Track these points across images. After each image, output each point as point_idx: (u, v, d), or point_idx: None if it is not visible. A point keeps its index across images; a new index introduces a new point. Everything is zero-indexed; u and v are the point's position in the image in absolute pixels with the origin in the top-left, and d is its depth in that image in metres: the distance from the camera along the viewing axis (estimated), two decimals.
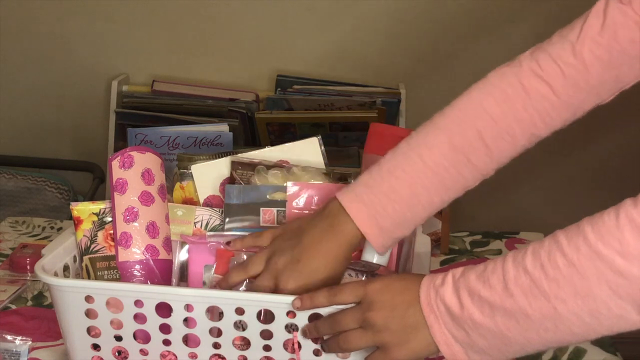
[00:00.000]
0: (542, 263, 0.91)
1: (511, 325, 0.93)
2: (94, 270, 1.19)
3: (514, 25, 2.41)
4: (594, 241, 0.88)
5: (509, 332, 0.93)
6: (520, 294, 0.92)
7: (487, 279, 0.94)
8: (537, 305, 0.91)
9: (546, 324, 0.91)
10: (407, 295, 0.99)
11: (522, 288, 0.92)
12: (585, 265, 0.88)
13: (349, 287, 1.03)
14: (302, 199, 1.18)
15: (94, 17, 2.50)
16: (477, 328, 0.94)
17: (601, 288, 0.88)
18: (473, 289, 0.95)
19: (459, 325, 0.95)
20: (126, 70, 2.53)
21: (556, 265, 0.90)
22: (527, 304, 0.91)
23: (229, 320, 1.06)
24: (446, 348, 0.97)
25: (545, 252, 0.91)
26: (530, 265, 0.92)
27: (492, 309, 0.93)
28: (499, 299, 0.93)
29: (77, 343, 1.11)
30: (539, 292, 0.91)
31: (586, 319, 0.90)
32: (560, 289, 0.90)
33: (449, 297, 0.96)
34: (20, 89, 2.58)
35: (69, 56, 2.54)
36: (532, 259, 0.92)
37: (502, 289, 0.93)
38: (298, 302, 1.03)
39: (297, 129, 2.35)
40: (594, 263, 0.88)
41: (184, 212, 1.21)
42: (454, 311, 0.95)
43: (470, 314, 0.94)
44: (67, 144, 2.60)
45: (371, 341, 1.00)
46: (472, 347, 0.95)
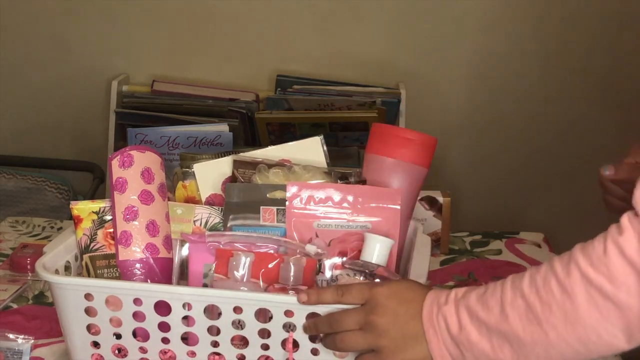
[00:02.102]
0: (537, 288, 0.93)
1: (505, 349, 0.94)
2: (94, 269, 1.19)
3: (514, 25, 2.41)
4: (584, 267, 0.91)
5: (502, 355, 0.95)
6: (515, 317, 0.94)
7: (486, 300, 0.96)
8: (530, 330, 0.93)
9: (537, 350, 0.93)
10: (412, 308, 1.00)
11: (518, 311, 0.94)
12: (576, 290, 0.90)
13: (356, 288, 1.03)
14: (302, 199, 1.18)
15: (93, 17, 2.50)
16: (472, 349, 0.96)
17: (591, 314, 0.90)
18: (472, 310, 0.96)
19: (455, 344, 0.97)
20: (126, 70, 2.53)
21: (550, 290, 0.92)
22: (520, 328, 0.93)
23: (227, 319, 1.07)
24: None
25: (541, 278, 0.94)
26: (527, 290, 0.94)
27: (489, 330, 0.95)
28: (494, 321, 0.95)
29: (77, 341, 1.12)
30: (532, 316, 0.93)
31: (575, 345, 0.91)
32: (552, 315, 0.91)
33: (450, 316, 0.98)
34: (20, 89, 2.58)
35: (69, 56, 2.54)
36: (529, 283, 0.94)
37: (499, 312, 0.95)
38: (304, 297, 1.03)
39: (297, 129, 2.35)
40: (585, 288, 0.90)
41: (183, 211, 1.21)
42: (453, 330, 0.97)
43: (468, 334, 0.96)
44: (67, 144, 2.60)
45: (368, 344, 1.01)
46: None
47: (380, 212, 1.17)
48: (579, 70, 2.42)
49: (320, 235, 1.17)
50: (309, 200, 1.18)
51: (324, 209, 1.17)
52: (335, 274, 1.15)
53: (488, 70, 2.46)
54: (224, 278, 1.12)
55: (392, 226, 1.17)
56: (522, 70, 2.46)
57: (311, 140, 1.27)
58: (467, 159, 2.56)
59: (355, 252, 1.15)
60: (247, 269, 1.11)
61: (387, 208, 1.17)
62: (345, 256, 1.16)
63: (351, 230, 1.17)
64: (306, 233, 1.17)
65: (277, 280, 1.11)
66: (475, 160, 2.56)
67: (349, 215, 1.17)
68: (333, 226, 1.17)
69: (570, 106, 2.46)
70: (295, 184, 1.18)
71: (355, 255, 1.15)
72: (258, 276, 1.11)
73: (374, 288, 1.02)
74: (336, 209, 1.17)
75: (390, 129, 1.23)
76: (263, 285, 1.11)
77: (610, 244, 0.90)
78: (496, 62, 2.45)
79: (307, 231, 1.17)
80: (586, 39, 2.40)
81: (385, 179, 1.21)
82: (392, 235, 1.15)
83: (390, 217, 1.17)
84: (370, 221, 1.17)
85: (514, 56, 2.43)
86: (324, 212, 1.17)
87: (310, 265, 1.12)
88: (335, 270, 1.15)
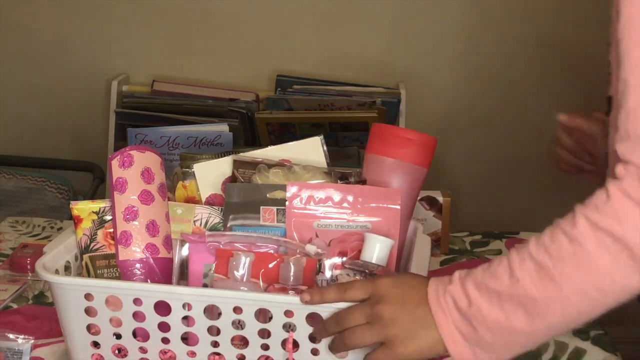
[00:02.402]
0: (545, 246, 0.95)
1: (519, 314, 0.95)
2: (94, 269, 1.19)
3: (514, 25, 2.41)
4: (590, 214, 0.93)
5: (516, 322, 0.95)
6: (526, 278, 0.94)
7: (494, 271, 0.97)
8: (543, 287, 0.94)
9: (553, 307, 0.94)
10: (417, 293, 1.00)
11: (529, 272, 0.94)
12: (586, 237, 0.92)
13: (359, 284, 1.03)
14: (302, 199, 1.18)
15: (94, 17, 2.51)
16: (485, 321, 0.96)
17: (603, 257, 0.92)
18: (480, 283, 0.97)
19: (467, 320, 0.97)
20: (126, 70, 2.53)
21: (559, 244, 0.94)
22: (533, 288, 0.94)
23: (227, 319, 1.07)
24: (453, 345, 0.98)
25: (548, 237, 0.95)
26: (535, 251, 0.95)
27: (500, 298, 0.95)
28: (505, 287, 0.95)
29: (77, 341, 1.12)
30: (544, 273, 0.94)
31: (592, 293, 0.93)
32: (565, 266, 0.93)
33: (457, 293, 0.98)
34: (20, 89, 2.58)
35: (69, 56, 2.54)
36: (535, 245, 0.96)
37: (508, 278, 0.95)
38: (307, 296, 1.03)
39: (297, 129, 2.35)
40: (594, 233, 0.92)
41: (183, 211, 1.21)
42: (462, 306, 0.97)
43: (479, 307, 0.96)
44: (67, 144, 2.60)
45: (376, 336, 1.00)
46: (479, 344, 0.97)
47: (380, 212, 1.17)
48: (582, 72, 2.42)
49: (320, 235, 1.17)
50: (309, 200, 1.18)
51: (324, 209, 1.17)
52: (335, 274, 1.15)
53: (488, 70, 2.46)
54: (223, 278, 1.12)
55: (392, 226, 1.17)
56: (523, 71, 2.46)
57: (311, 140, 1.27)
58: (467, 159, 2.56)
59: (355, 252, 1.15)
60: (247, 269, 1.11)
61: (387, 208, 1.17)
62: (345, 256, 1.16)
63: (351, 230, 1.17)
64: (306, 233, 1.17)
65: (277, 280, 1.11)
66: (475, 160, 2.56)
67: (349, 215, 1.17)
68: (333, 226, 1.17)
69: (571, 107, 2.45)
70: (295, 184, 1.18)
71: (355, 255, 1.15)
72: (258, 276, 1.11)
73: (376, 280, 1.03)
74: (336, 209, 1.17)
75: (390, 129, 1.23)
76: (263, 285, 1.11)
77: (613, 189, 0.92)
78: (497, 63, 2.45)
79: (307, 231, 1.17)
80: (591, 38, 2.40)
81: (385, 179, 1.21)
82: (392, 235, 1.15)
83: (390, 217, 1.17)
84: (370, 221, 1.17)
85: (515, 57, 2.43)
86: (324, 212, 1.17)
87: (310, 265, 1.12)
88: (335, 270, 1.15)
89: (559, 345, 1.27)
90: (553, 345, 1.27)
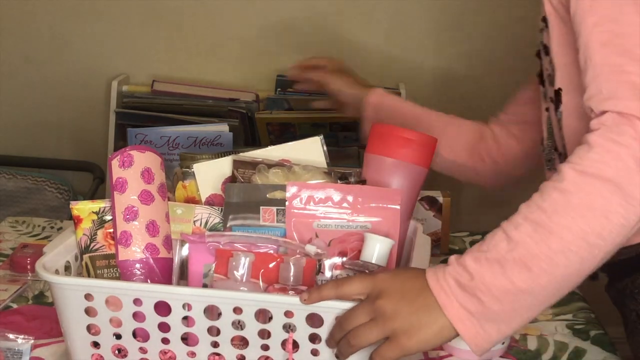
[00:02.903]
0: (538, 205, 0.98)
1: (523, 274, 0.96)
2: (94, 269, 1.19)
3: (515, 25, 2.41)
4: (576, 165, 0.97)
5: (522, 283, 0.96)
6: (525, 238, 0.96)
7: (489, 242, 0.99)
8: (544, 242, 0.95)
9: (556, 259, 0.95)
10: (417, 282, 1.01)
11: (526, 232, 0.96)
12: (575, 186, 0.96)
13: (356, 279, 1.03)
14: (302, 199, 1.18)
15: (94, 17, 2.50)
16: (490, 290, 0.97)
17: (595, 200, 0.94)
18: (477, 256, 0.99)
19: (471, 295, 0.97)
20: (126, 70, 2.53)
21: (552, 199, 0.97)
22: (533, 245, 0.96)
23: (227, 320, 1.07)
24: (461, 324, 0.98)
25: (538, 196, 0.99)
26: (527, 212, 0.98)
27: (501, 264, 0.97)
28: (505, 253, 0.97)
29: (77, 341, 1.12)
30: (542, 229, 0.96)
31: (591, 238, 0.95)
32: (561, 217, 0.95)
33: (456, 271, 0.99)
34: (20, 89, 2.58)
35: (69, 56, 2.54)
36: (526, 207, 0.99)
37: (506, 243, 0.97)
38: (306, 296, 1.03)
39: (297, 129, 2.35)
40: (582, 179, 0.95)
41: (183, 211, 1.21)
42: (464, 281, 0.98)
43: (482, 277, 0.97)
44: (67, 144, 2.60)
45: (381, 332, 1.00)
46: (486, 316, 0.97)
47: (380, 212, 1.17)
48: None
49: (320, 235, 1.17)
50: (308, 200, 1.18)
51: (323, 209, 1.17)
52: (335, 274, 1.15)
53: (488, 70, 2.46)
54: (223, 278, 1.12)
55: (392, 226, 1.17)
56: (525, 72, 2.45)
57: (311, 140, 1.27)
58: None
59: (355, 252, 1.15)
60: (246, 269, 1.11)
61: (387, 208, 1.17)
62: (345, 256, 1.16)
63: (351, 230, 1.17)
64: (306, 233, 1.17)
65: (277, 281, 1.11)
66: None
67: (349, 215, 1.17)
68: (333, 226, 1.17)
69: None
70: (295, 184, 1.18)
71: (355, 256, 1.15)
72: (258, 276, 1.11)
73: (374, 276, 1.03)
74: (336, 209, 1.17)
75: (390, 129, 1.23)
76: (263, 286, 1.11)
77: (593, 138, 0.97)
78: (497, 63, 2.45)
79: (307, 231, 1.17)
80: None
81: (385, 179, 1.21)
82: (392, 236, 1.15)
83: (390, 217, 1.17)
84: (370, 221, 1.17)
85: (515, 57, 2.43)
86: (324, 212, 1.17)
87: (310, 265, 1.12)
88: (335, 271, 1.15)
89: (559, 345, 1.27)
90: (553, 346, 1.27)
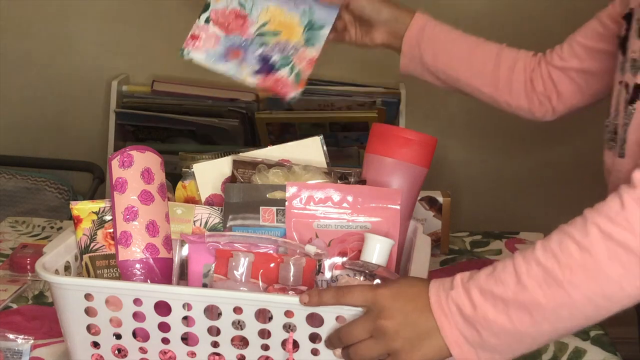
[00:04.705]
0: (554, 253, 0.94)
1: (525, 319, 0.94)
2: (94, 269, 1.19)
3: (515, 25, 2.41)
4: (603, 223, 0.92)
5: (522, 327, 0.95)
6: (534, 285, 0.94)
7: (499, 276, 0.96)
8: (552, 294, 0.93)
9: (560, 312, 0.94)
10: (419, 303, 1.00)
11: (536, 279, 0.94)
12: (597, 247, 0.91)
13: (358, 290, 1.02)
14: (302, 199, 1.18)
15: (93, 17, 2.50)
16: (490, 326, 0.95)
17: (614, 268, 0.91)
18: (484, 288, 0.96)
19: (471, 325, 0.96)
20: (126, 70, 2.53)
21: (568, 252, 0.93)
22: (541, 294, 0.93)
23: (227, 319, 1.07)
24: (457, 348, 0.98)
25: (556, 243, 0.94)
26: (542, 257, 0.94)
27: (506, 304, 0.95)
28: (512, 294, 0.95)
29: (77, 341, 1.12)
30: (552, 280, 0.93)
31: (600, 301, 0.93)
32: (573, 275, 0.92)
33: (460, 299, 0.97)
34: (20, 89, 2.58)
35: (69, 56, 2.54)
36: (542, 251, 0.95)
37: (514, 284, 0.95)
38: (306, 298, 1.03)
39: (297, 129, 2.35)
40: (606, 244, 0.91)
41: (183, 211, 1.21)
42: (466, 311, 0.96)
43: (484, 312, 0.95)
44: (67, 144, 2.60)
45: (382, 350, 1.00)
46: (483, 347, 0.97)
47: (380, 212, 1.17)
48: None
49: (320, 235, 1.17)
50: (308, 200, 1.18)
51: (323, 209, 1.17)
52: (335, 274, 1.15)
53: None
54: (223, 278, 1.12)
55: (392, 226, 1.17)
56: None
57: (311, 140, 1.27)
58: (467, 159, 2.56)
59: (355, 252, 1.15)
60: (246, 269, 1.11)
61: (387, 208, 1.17)
62: (345, 256, 1.16)
63: (351, 230, 1.17)
64: (306, 233, 1.17)
65: (276, 281, 1.11)
66: (475, 160, 2.56)
67: (349, 215, 1.17)
68: (333, 226, 1.17)
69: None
70: (295, 184, 1.18)
71: (355, 256, 1.15)
72: (258, 276, 1.11)
73: (376, 290, 1.02)
74: (336, 209, 1.17)
75: (390, 129, 1.23)
76: (262, 286, 1.11)
77: (628, 198, 0.92)
78: None
79: (307, 231, 1.17)
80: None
81: (385, 179, 1.21)
82: (392, 236, 1.15)
83: (390, 217, 1.17)
84: (370, 221, 1.17)
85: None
86: (324, 212, 1.17)
87: (310, 265, 1.12)
88: (335, 271, 1.15)
89: (559, 345, 1.27)
90: (553, 345, 1.27)
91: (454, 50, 1.45)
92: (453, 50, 1.45)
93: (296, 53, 1.40)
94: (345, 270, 1.14)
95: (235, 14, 1.43)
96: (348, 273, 1.13)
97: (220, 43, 1.42)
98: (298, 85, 1.39)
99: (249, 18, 1.42)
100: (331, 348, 1.04)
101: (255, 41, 1.41)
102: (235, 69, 1.40)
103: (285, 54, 1.40)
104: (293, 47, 1.40)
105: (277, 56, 1.40)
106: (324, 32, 1.43)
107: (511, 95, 1.45)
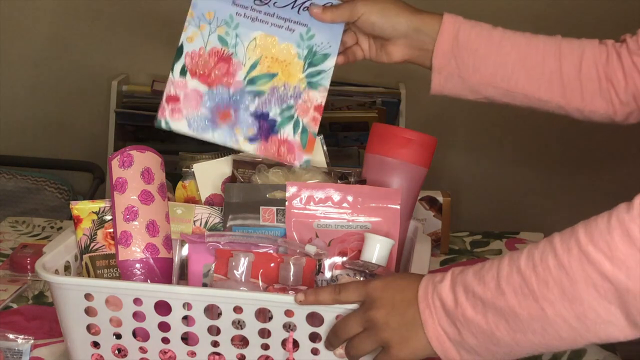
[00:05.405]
0: (534, 263, 0.90)
1: (501, 325, 0.92)
2: (94, 269, 1.19)
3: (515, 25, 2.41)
4: (584, 243, 0.87)
5: (498, 332, 0.93)
6: (511, 292, 0.91)
7: (483, 276, 0.94)
8: (526, 305, 0.90)
9: (534, 325, 0.91)
10: (407, 294, 0.98)
11: (514, 287, 0.91)
12: (574, 268, 0.88)
13: (352, 286, 1.02)
14: (302, 199, 1.18)
15: (94, 18, 2.51)
16: (469, 325, 0.94)
17: (589, 292, 0.87)
18: (468, 286, 0.94)
19: (451, 322, 0.95)
20: (126, 70, 2.53)
21: (547, 266, 0.89)
22: (516, 303, 0.91)
23: (227, 319, 1.07)
24: (438, 344, 0.96)
25: (539, 253, 0.91)
26: (524, 265, 0.91)
27: (485, 306, 0.93)
28: (490, 296, 0.92)
29: (77, 341, 1.12)
30: (528, 292, 0.90)
31: (573, 323, 0.89)
32: (549, 291, 0.89)
33: (446, 293, 0.96)
34: (20, 89, 2.58)
35: (69, 56, 2.54)
36: (525, 259, 0.91)
37: (494, 287, 0.92)
38: (302, 297, 1.02)
39: None
40: (583, 266, 0.87)
41: (183, 211, 1.21)
42: (449, 307, 0.95)
43: (463, 310, 0.94)
44: (67, 144, 2.61)
45: (374, 341, 0.99)
46: (463, 346, 0.95)
47: (380, 212, 1.17)
48: None
49: (320, 235, 1.17)
50: (308, 200, 1.18)
51: (323, 209, 1.17)
52: (335, 274, 1.15)
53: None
54: (223, 278, 1.12)
55: (392, 226, 1.17)
56: None
57: None
58: (467, 158, 2.56)
59: (355, 252, 1.15)
60: (246, 269, 1.11)
61: (387, 208, 1.17)
62: (345, 256, 1.16)
63: (351, 230, 1.17)
64: (306, 233, 1.17)
65: (276, 281, 1.11)
66: (475, 161, 2.56)
67: (349, 215, 1.17)
68: (333, 226, 1.17)
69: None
70: (294, 184, 1.18)
71: (355, 256, 1.15)
72: (258, 276, 1.11)
73: (369, 284, 1.01)
74: (336, 209, 1.17)
75: (390, 129, 1.23)
76: (263, 286, 1.11)
77: (615, 221, 0.86)
78: None
79: (307, 231, 1.17)
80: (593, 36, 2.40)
81: (385, 179, 1.21)
82: (392, 235, 1.15)
83: (390, 217, 1.17)
84: (370, 221, 1.17)
85: None
86: (324, 212, 1.17)
87: (310, 265, 1.12)
88: (335, 271, 1.15)
89: None
90: None
91: (500, 57, 1.22)
92: (499, 57, 1.22)
93: (298, 100, 1.20)
94: (345, 270, 1.14)
95: (216, 55, 1.21)
96: (348, 273, 1.13)
97: (203, 103, 1.20)
98: (307, 146, 1.20)
99: (234, 59, 1.20)
100: (331, 349, 1.04)
101: (246, 91, 1.19)
102: (228, 135, 1.19)
103: (285, 105, 1.20)
104: (294, 93, 1.19)
105: (275, 109, 1.19)
106: (329, 63, 1.22)
107: (583, 100, 1.22)
